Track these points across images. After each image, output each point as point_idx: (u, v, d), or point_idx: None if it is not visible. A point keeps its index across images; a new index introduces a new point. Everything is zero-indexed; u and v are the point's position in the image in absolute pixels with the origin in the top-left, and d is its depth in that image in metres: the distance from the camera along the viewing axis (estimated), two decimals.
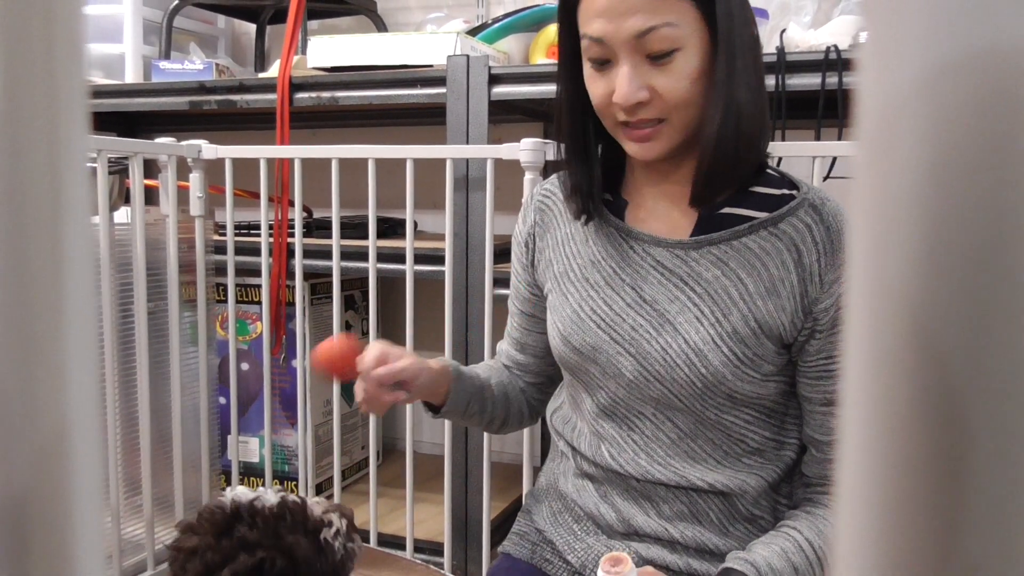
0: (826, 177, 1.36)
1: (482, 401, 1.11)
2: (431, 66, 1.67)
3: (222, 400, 1.96)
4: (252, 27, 2.34)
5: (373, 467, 1.70)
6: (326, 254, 1.68)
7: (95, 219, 1.50)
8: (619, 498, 1.01)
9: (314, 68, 1.79)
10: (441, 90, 1.62)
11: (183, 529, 0.83)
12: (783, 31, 1.48)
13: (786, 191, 0.95)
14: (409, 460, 1.61)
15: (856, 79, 0.18)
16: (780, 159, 1.40)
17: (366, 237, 1.62)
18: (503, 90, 1.58)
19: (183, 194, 1.71)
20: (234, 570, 0.77)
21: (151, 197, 1.69)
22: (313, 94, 1.75)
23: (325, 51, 1.76)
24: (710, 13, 0.88)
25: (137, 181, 1.58)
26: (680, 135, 0.91)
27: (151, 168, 1.69)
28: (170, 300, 1.68)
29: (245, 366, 1.97)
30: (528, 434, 1.49)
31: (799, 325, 0.92)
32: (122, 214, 1.64)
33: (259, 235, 1.73)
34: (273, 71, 1.80)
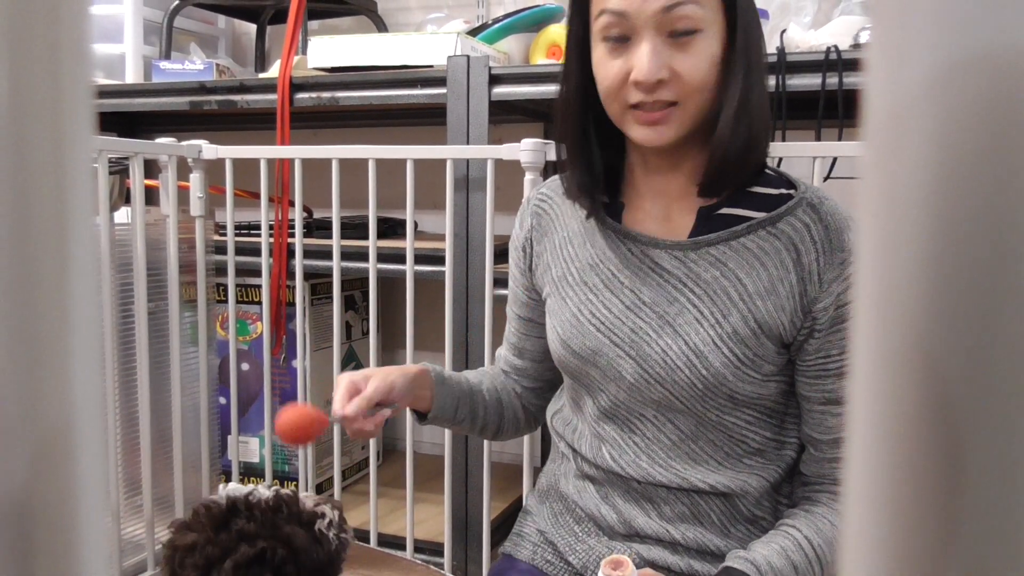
0: (826, 177, 1.36)
1: (472, 406, 1.11)
2: (431, 66, 1.67)
3: (222, 400, 1.96)
4: (252, 27, 2.34)
5: (373, 467, 1.70)
6: (326, 254, 1.68)
7: (96, 219, 1.50)
8: (620, 499, 1.01)
9: (314, 68, 1.79)
10: (441, 90, 1.62)
11: (178, 527, 0.83)
12: (783, 31, 1.48)
13: (784, 191, 0.95)
14: (409, 460, 1.61)
15: (863, 79, 0.18)
16: (780, 159, 1.40)
17: (366, 237, 1.62)
18: (503, 90, 1.58)
19: (183, 194, 1.71)
20: (236, 561, 0.78)
21: (151, 197, 1.69)
22: (313, 94, 1.75)
23: (325, 51, 1.76)
24: (730, 5, 0.89)
25: (137, 181, 1.58)
26: (690, 122, 0.91)
27: (151, 168, 1.69)
28: (170, 300, 1.68)
29: (245, 366, 1.97)
30: (528, 434, 1.49)
31: (798, 324, 0.92)
32: (122, 214, 1.64)
33: (259, 235, 1.72)
34: (273, 71, 1.80)
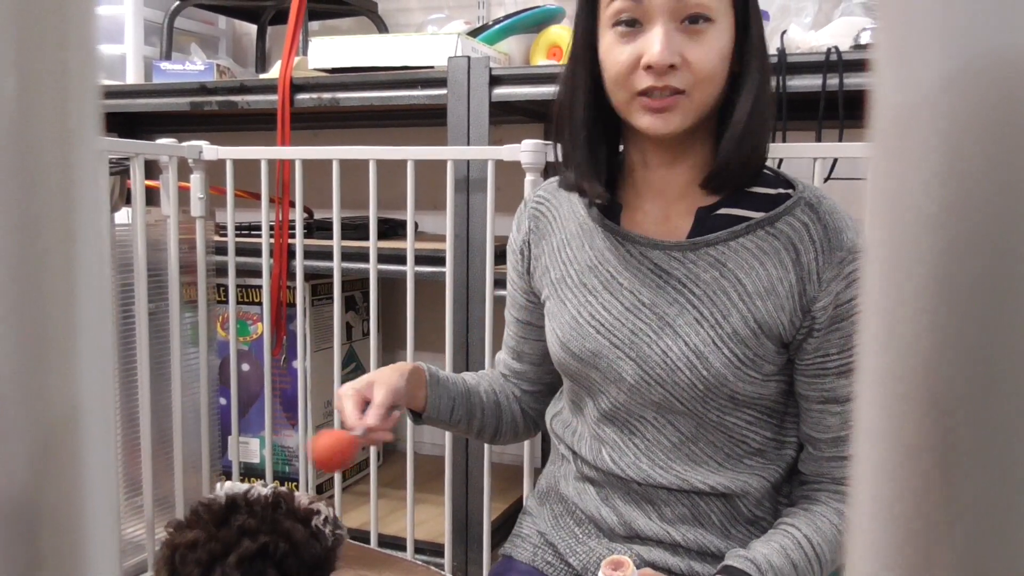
0: (827, 178, 1.36)
1: (469, 407, 1.10)
2: (432, 67, 1.67)
3: (223, 401, 1.96)
4: (253, 28, 2.34)
5: (374, 468, 1.70)
6: (327, 255, 1.68)
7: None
8: (620, 501, 1.01)
9: (315, 69, 1.79)
10: (442, 91, 1.62)
11: (176, 526, 0.84)
12: (784, 32, 1.48)
13: (782, 190, 0.95)
14: (410, 461, 1.61)
15: (871, 82, 0.18)
16: (781, 160, 1.40)
17: (367, 238, 1.62)
18: (504, 91, 1.58)
19: (184, 195, 1.71)
20: (240, 556, 0.79)
21: (152, 198, 1.69)
22: (314, 95, 1.75)
23: (326, 52, 1.77)
24: (738, 2, 0.91)
25: (138, 182, 1.58)
26: (695, 113, 0.91)
27: (152, 169, 1.69)
28: (171, 301, 1.68)
29: (246, 367, 1.97)
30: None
31: (797, 324, 0.92)
32: (123, 215, 1.64)
33: (260, 236, 1.72)
34: (274, 72, 1.80)
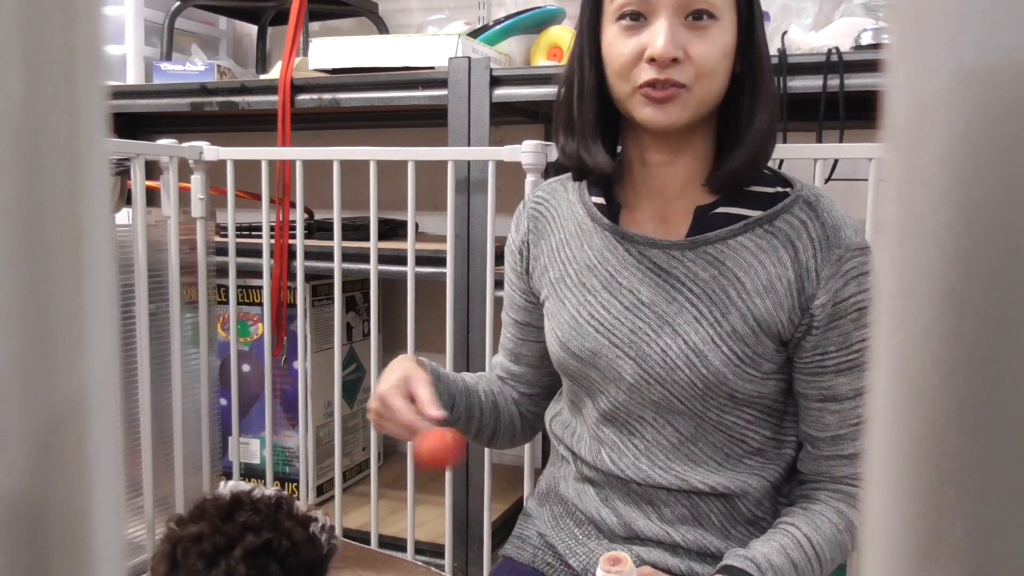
0: (828, 179, 1.36)
1: (468, 405, 1.10)
2: (432, 68, 1.67)
3: (223, 401, 1.96)
4: (253, 29, 2.34)
5: (374, 469, 1.70)
6: (327, 256, 1.68)
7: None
8: (620, 502, 1.01)
9: (315, 70, 1.79)
10: (442, 92, 1.62)
11: (178, 521, 0.84)
12: (784, 33, 1.48)
13: (780, 189, 0.96)
14: (410, 462, 1.61)
15: (884, 81, 0.18)
16: (782, 161, 1.40)
17: (367, 239, 1.62)
18: (504, 92, 1.58)
19: (184, 195, 1.71)
20: (245, 549, 0.80)
21: (152, 198, 1.69)
22: (314, 96, 1.75)
23: (326, 53, 1.77)
24: (742, 2, 0.91)
25: (138, 182, 1.58)
26: (696, 108, 0.91)
27: (152, 169, 1.69)
28: (171, 301, 1.68)
29: (246, 367, 1.97)
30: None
31: (796, 322, 0.92)
32: (123, 215, 1.64)
33: (260, 237, 1.73)
34: (274, 73, 1.80)
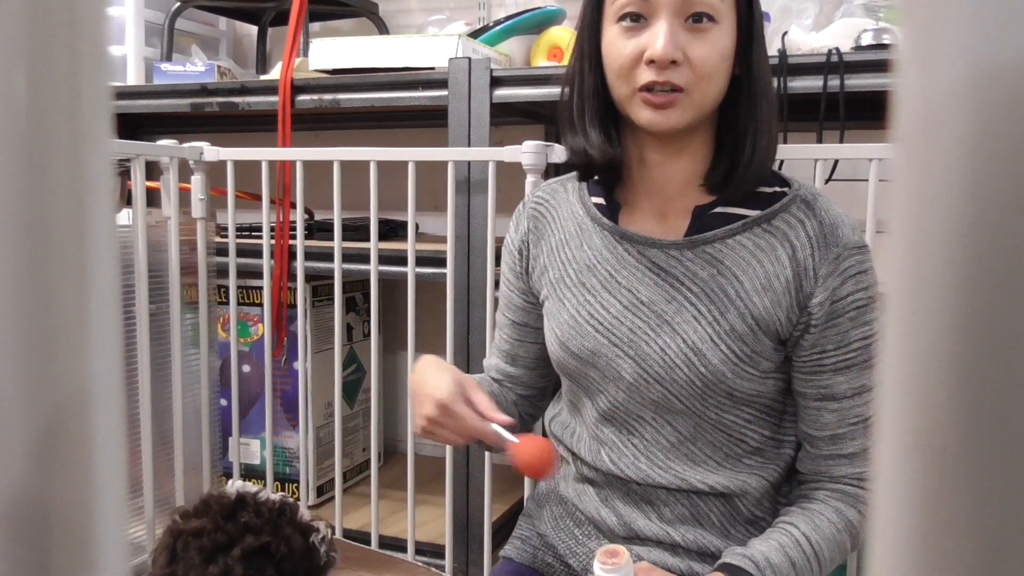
0: (828, 180, 1.36)
1: None
2: (433, 68, 1.67)
3: (223, 402, 1.96)
4: (254, 29, 2.34)
5: (374, 469, 1.70)
6: (328, 256, 1.68)
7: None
8: (620, 502, 1.01)
9: (316, 70, 1.79)
10: (443, 92, 1.62)
11: (182, 514, 0.85)
12: (785, 33, 1.48)
13: (778, 188, 0.96)
14: (410, 462, 1.61)
15: (895, 81, 0.18)
16: (782, 162, 1.40)
17: (368, 239, 1.62)
18: (505, 92, 1.58)
19: (184, 196, 1.71)
20: (244, 550, 0.80)
21: (153, 199, 1.69)
22: (315, 96, 1.75)
23: (327, 53, 1.77)
24: (741, 5, 0.92)
25: (139, 183, 1.58)
26: (695, 111, 0.91)
27: (153, 170, 1.69)
28: (171, 302, 1.68)
29: (246, 368, 1.97)
30: None
31: (794, 320, 0.93)
32: (124, 216, 1.64)
33: (261, 237, 1.73)
34: (275, 73, 1.80)
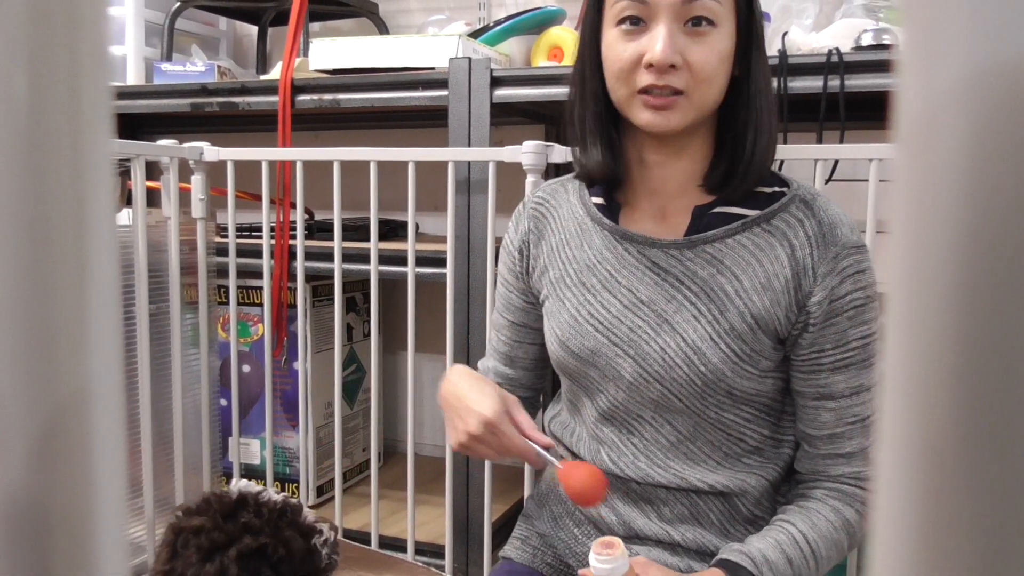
0: (828, 180, 1.36)
1: None
2: (433, 68, 1.67)
3: (223, 402, 1.96)
4: (254, 29, 2.34)
5: (374, 469, 1.70)
6: (328, 256, 1.68)
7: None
8: (620, 501, 1.02)
9: (316, 70, 1.79)
10: (443, 92, 1.62)
11: (184, 511, 0.85)
12: (785, 33, 1.48)
13: (776, 188, 0.97)
14: (410, 462, 1.61)
15: (896, 81, 0.18)
16: (782, 162, 1.40)
17: (368, 239, 1.62)
18: (505, 92, 1.58)
19: (184, 196, 1.71)
20: (240, 551, 0.80)
21: (153, 199, 1.69)
22: (315, 96, 1.75)
23: (327, 53, 1.77)
24: (741, 7, 0.92)
25: (139, 183, 1.58)
26: (695, 113, 0.92)
27: (153, 170, 1.69)
28: (171, 302, 1.68)
29: (246, 368, 1.97)
30: None
31: (793, 319, 0.93)
32: (124, 216, 1.64)
33: (261, 237, 1.73)
34: (275, 73, 1.80)
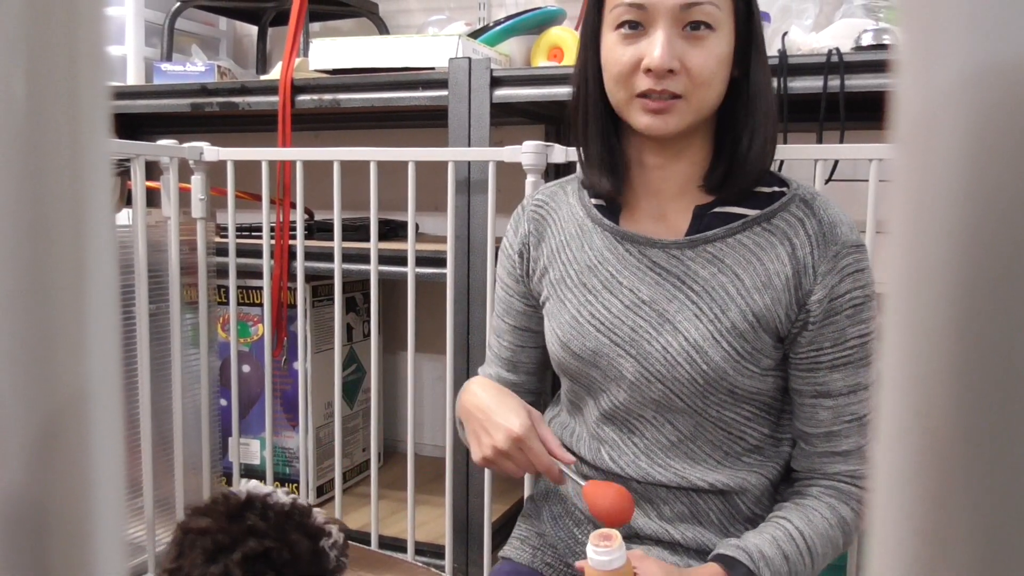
0: (828, 180, 1.36)
1: None
2: (433, 68, 1.67)
3: (223, 402, 1.96)
4: (254, 29, 2.34)
5: (374, 469, 1.70)
6: (328, 256, 1.68)
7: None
8: None
9: (316, 70, 1.79)
10: (443, 92, 1.62)
11: (193, 511, 0.85)
12: (785, 34, 1.48)
13: (776, 188, 0.97)
14: (410, 462, 1.61)
15: (894, 80, 0.18)
16: (782, 162, 1.40)
17: (368, 239, 1.62)
18: (505, 92, 1.58)
19: (184, 196, 1.71)
20: (244, 553, 0.80)
21: (152, 199, 1.69)
22: (315, 96, 1.75)
23: (327, 53, 1.77)
24: (740, 10, 0.92)
25: (139, 183, 1.58)
26: (694, 116, 0.92)
27: (152, 170, 1.69)
28: (171, 302, 1.68)
29: (246, 368, 1.97)
30: None
31: (793, 317, 0.93)
32: (124, 216, 1.64)
33: (261, 237, 1.73)
34: (275, 73, 1.80)
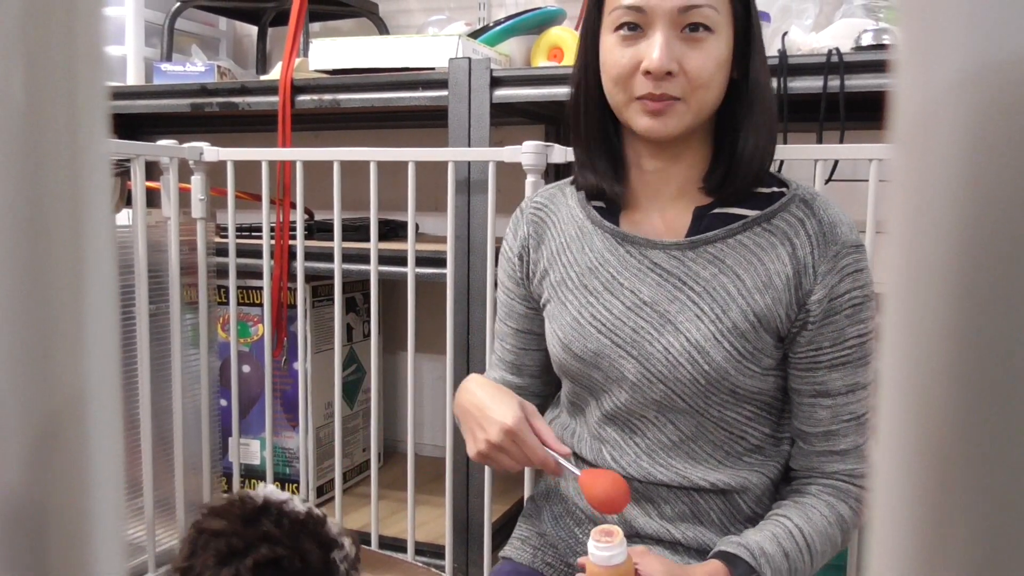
0: (828, 180, 1.36)
1: None
2: (433, 69, 1.67)
3: (223, 402, 1.96)
4: (254, 29, 2.34)
5: (374, 469, 1.70)
6: (328, 256, 1.68)
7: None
8: None
9: (316, 70, 1.79)
10: (443, 92, 1.62)
11: (209, 511, 0.85)
12: (785, 34, 1.48)
13: (776, 188, 0.98)
14: (410, 462, 1.61)
15: (892, 80, 0.18)
16: (782, 162, 1.40)
17: (368, 239, 1.62)
18: (505, 93, 1.58)
19: (184, 196, 1.71)
20: (256, 560, 0.80)
21: (152, 199, 1.69)
22: (315, 96, 1.75)
23: (327, 53, 1.77)
24: (739, 12, 0.92)
25: (139, 183, 1.58)
26: (692, 118, 0.92)
27: (152, 170, 1.69)
28: (171, 302, 1.68)
29: (246, 368, 1.97)
30: None
31: (793, 317, 0.94)
32: (123, 216, 1.64)
33: (261, 237, 1.73)
34: (275, 73, 1.80)
